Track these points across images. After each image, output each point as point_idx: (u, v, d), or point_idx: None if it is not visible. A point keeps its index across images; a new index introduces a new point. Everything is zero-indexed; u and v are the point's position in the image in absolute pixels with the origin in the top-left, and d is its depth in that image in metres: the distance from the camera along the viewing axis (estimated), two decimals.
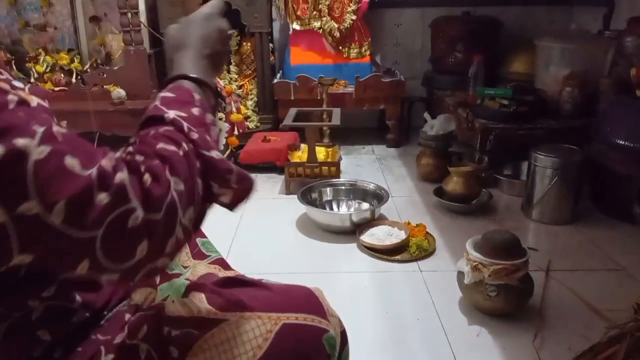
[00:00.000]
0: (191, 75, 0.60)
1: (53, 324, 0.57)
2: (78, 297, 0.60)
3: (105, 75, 2.35)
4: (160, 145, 0.49)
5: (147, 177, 0.45)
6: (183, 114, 0.53)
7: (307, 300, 0.65)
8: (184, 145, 0.50)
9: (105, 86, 2.33)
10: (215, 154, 0.52)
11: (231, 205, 0.56)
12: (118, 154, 0.47)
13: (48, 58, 2.38)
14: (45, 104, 0.52)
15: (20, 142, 0.39)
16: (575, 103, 2.06)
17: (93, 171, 0.42)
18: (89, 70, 2.41)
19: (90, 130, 2.13)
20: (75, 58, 2.43)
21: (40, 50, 2.42)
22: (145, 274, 0.49)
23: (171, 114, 0.53)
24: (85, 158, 0.43)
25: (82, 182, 0.41)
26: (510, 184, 2.04)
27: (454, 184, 1.89)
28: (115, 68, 2.37)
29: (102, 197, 0.42)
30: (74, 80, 2.39)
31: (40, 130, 0.41)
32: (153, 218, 0.45)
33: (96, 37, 2.48)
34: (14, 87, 0.49)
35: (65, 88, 2.36)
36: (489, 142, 2.04)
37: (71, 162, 0.42)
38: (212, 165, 0.52)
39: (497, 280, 1.20)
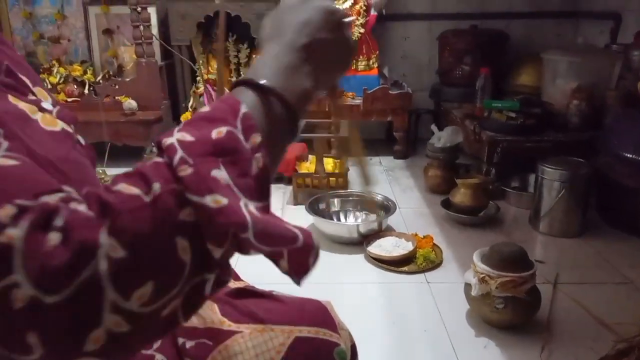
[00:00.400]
0: (250, 78, 0.41)
1: None
2: None
3: (117, 87, 2.40)
4: (119, 186, 0.33)
5: (53, 237, 0.31)
6: (189, 139, 0.36)
7: (318, 313, 0.66)
8: (157, 187, 0.33)
9: (117, 97, 2.38)
10: (212, 199, 0.33)
11: (291, 275, 0.39)
12: (53, 199, 0.33)
13: (61, 69, 2.43)
14: (70, 129, 0.52)
15: None
16: (582, 116, 2.07)
17: None
18: (101, 81, 2.46)
19: (102, 140, 2.17)
20: (88, 70, 2.47)
21: (54, 61, 2.47)
22: None
23: (172, 138, 0.36)
24: None
25: None
26: (517, 197, 2.05)
27: (461, 196, 1.90)
28: (127, 80, 2.42)
29: None
30: (86, 91, 2.43)
31: None
32: (45, 300, 0.30)
33: (109, 50, 2.52)
34: (42, 109, 0.50)
35: (78, 99, 2.40)
36: (496, 154, 2.05)
37: None
38: (207, 218, 0.33)
39: (504, 292, 1.20)
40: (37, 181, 0.36)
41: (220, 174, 0.35)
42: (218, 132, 0.36)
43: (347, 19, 0.48)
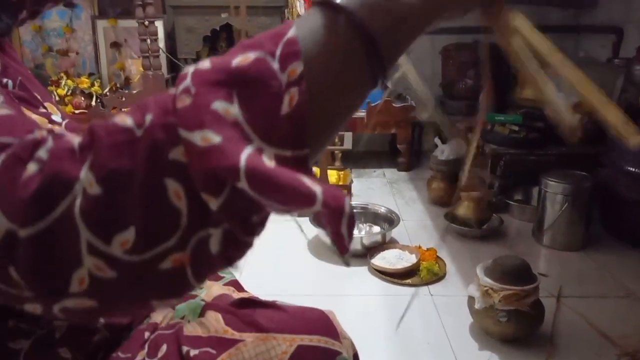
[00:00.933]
0: None
1: (75, 342, 0.60)
2: (101, 318, 0.62)
3: (124, 99, 2.43)
4: (115, 119, 0.30)
5: (31, 167, 0.30)
6: (206, 66, 0.30)
7: (321, 322, 0.67)
8: (149, 118, 0.29)
9: (123, 109, 2.41)
10: (201, 136, 0.27)
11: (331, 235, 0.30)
12: (41, 133, 0.32)
13: (69, 82, 2.47)
14: None
15: None
16: (585, 130, 2.07)
17: None
18: (108, 93, 2.49)
19: None
20: (95, 82, 2.51)
21: (62, 74, 2.51)
22: (65, 315, 0.32)
23: (192, 67, 0.30)
24: None
25: None
26: (521, 209, 2.05)
27: (464, 209, 1.90)
28: (134, 92, 2.45)
29: None
30: (93, 103, 2.47)
31: None
32: (19, 233, 0.29)
33: (116, 62, 2.56)
34: (51, 122, 0.52)
35: (85, 111, 2.43)
36: (499, 167, 2.06)
37: None
38: (192, 158, 0.28)
39: (507, 305, 1.20)
40: (31, 125, 0.34)
41: (226, 107, 0.28)
42: (243, 58, 0.29)
43: None
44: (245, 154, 0.27)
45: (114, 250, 0.29)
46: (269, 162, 0.28)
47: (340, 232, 0.29)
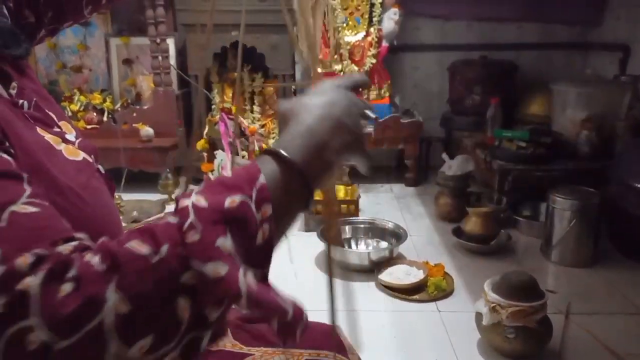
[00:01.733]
0: (277, 150, 0.44)
1: None
2: None
3: (135, 114, 2.47)
4: (130, 244, 0.37)
5: (66, 287, 0.34)
6: (202, 204, 0.38)
7: (328, 337, 0.68)
8: (164, 249, 0.36)
9: (134, 125, 2.45)
10: (212, 268, 0.36)
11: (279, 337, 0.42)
12: (68, 249, 0.37)
13: (82, 98, 2.52)
14: (91, 159, 0.56)
15: None
16: (592, 146, 2.08)
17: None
18: (119, 109, 2.53)
19: (119, 166, 2.23)
20: (107, 98, 2.56)
21: (75, 90, 2.56)
22: None
23: (188, 200, 0.39)
24: (9, 250, 0.35)
25: None
26: (529, 225, 2.04)
27: (472, 224, 1.91)
28: (145, 107, 2.49)
29: None
30: (105, 118, 2.51)
31: None
32: (55, 344, 0.33)
33: (128, 79, 2.61)
34: (65, 141, 0.54)
35: (97, 126, 2.48)
36: (507, 183, 2.07)
37: None
38: (204, 284, 0.36)
39: (515, 322, 1.20)
40: (55, 229, 0.39)
41: (225, 242, 0.37)
42: (231, 201, 0.39)
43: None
44: (241, 281, 0.37)
45: (133, 354, 0.35)
46: (253, 283, 0.38)
47: (295, 334, 0.42)
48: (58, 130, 0.55)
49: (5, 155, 0.41)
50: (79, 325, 0.34)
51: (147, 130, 2.40)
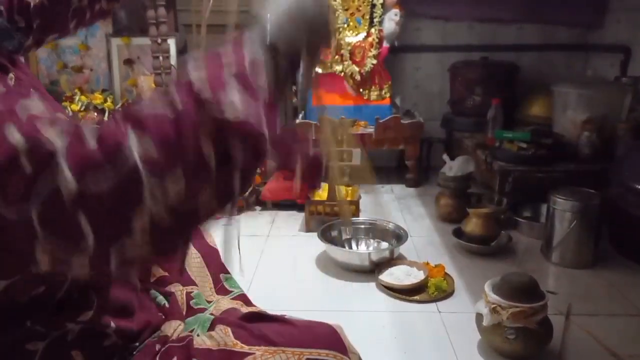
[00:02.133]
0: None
1: (87, 346, 0.61)
2: (112, 324, 0.64)
3: None
4: (146, 106, 0.42)
5: (92, 142, 0.40)
6: (203, 75, 0.44)
7: (329, 336, 0.68)
8: (181, 104, 0.41)
9: None
10: (230, 110, 0.41)
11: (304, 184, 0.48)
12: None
13: (83, 98, 2.52)
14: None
15: None
16: (593, 147, 2.08)
17: (22, 138, 0.39)
18: (120, 109, 2.53)
19: None
20: (108, 98, 2.56)
21: (76, 90, 2.56)
22: (118, 261, 0.42)
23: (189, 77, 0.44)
24: (30, 125, 0.40)
25: (6, 148, 0.39)
26: (529, 226, 2.04)
27: (473, 225, 1.90)
28: None
29: (26, 166, 0.38)
30: (106, 118, 2.51)
31: None
32: (90, 189, 0.39)
33: (129, 79, 2.61)
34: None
35: (98, 126, 2.47)
36: (507, 184, 2.07)
37: (10, 128, 0.40)
38: (225, 124, 0.41)
39: (515, 323, 1.20)
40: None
41: (234, 95, 0.43)
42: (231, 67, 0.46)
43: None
44: (262, 124, 0.43)
45: (170, 196, 0.40)
46: (272, 124, 0.45)
47: (320, 174, 0.52)
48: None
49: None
50: (112, 168, 0.39)
51: None
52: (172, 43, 2.48)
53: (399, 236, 1.89)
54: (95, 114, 2.51)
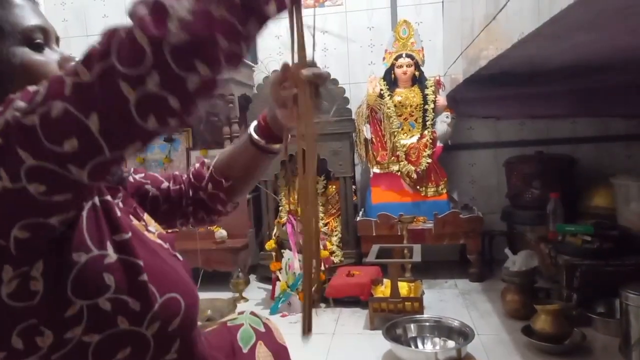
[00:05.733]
0: None
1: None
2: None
3: None
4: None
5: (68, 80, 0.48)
6: None
7: None
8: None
9: (209, 227, 2.66)
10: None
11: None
12: None
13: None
14: (167, 246, 0.74)
15: None
16: None
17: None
18: None
19: (196, 266, 2.41)
20: None
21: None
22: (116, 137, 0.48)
23: None
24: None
25: None
26: (604, 323, 1.96)
27: (542, 323, 1.86)
28: None
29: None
30: None
31: None
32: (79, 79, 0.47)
33: None
34: (148, 230, 0.73)
35: (177, 230, 2.71)
36: (575, 279, 2.03)
37: None
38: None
39: None
40: None
41: None
42: None
43: None
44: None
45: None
46: None
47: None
48: (144, 223, 0.74)
49: None
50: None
51: (221, 233, 2.60)
52: None
53: (465, 334, 1.87)
54: None
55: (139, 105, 0.46)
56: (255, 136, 0.87)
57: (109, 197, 0.66)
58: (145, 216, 0.77)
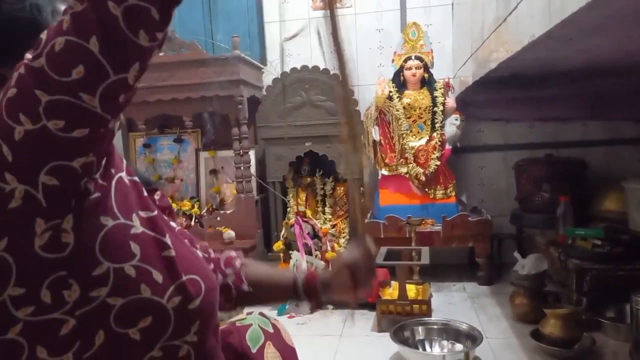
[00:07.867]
0: None
1: None
2: None
3: (219, 219, 2.71)
4: None
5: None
6: None
7: None
8: None
9: (218, 228, 2.68)
10: None
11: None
12: None
13: (174, 205, 2.82)
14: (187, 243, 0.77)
15: None
16: None
17: None
18: (205, 214, 2.80)
19: None
20: (195, 204, 2.84)
21: (168, 198, 2.87)
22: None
23: None
24: None
25: None
26: (615, 328, 1.94)
27: (551, 327, 1.85)
28: (228, 212, 2.74)
29: None
30: (192, 223, 2.77)
31: None
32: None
33: (213, 187, 2.91)
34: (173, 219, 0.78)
35: (186, 230, 2.73)
36: (585, 283, 2.01)
37: None
38: None
39: None
40: None
41: None
42: None
43: None
44: None
45: None
46: None
47: None
48: (170, 218, 0.77)
49: None
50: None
51: (229, 233, 2.62)
52: (252, 154, 2.77)
53: (473, 337, 1.86)
54: (184, 219, 2.78)
55: (125, 20, 0.51)
56: (301, 291, 0.92)
57: (136, 179, 0.70)
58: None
